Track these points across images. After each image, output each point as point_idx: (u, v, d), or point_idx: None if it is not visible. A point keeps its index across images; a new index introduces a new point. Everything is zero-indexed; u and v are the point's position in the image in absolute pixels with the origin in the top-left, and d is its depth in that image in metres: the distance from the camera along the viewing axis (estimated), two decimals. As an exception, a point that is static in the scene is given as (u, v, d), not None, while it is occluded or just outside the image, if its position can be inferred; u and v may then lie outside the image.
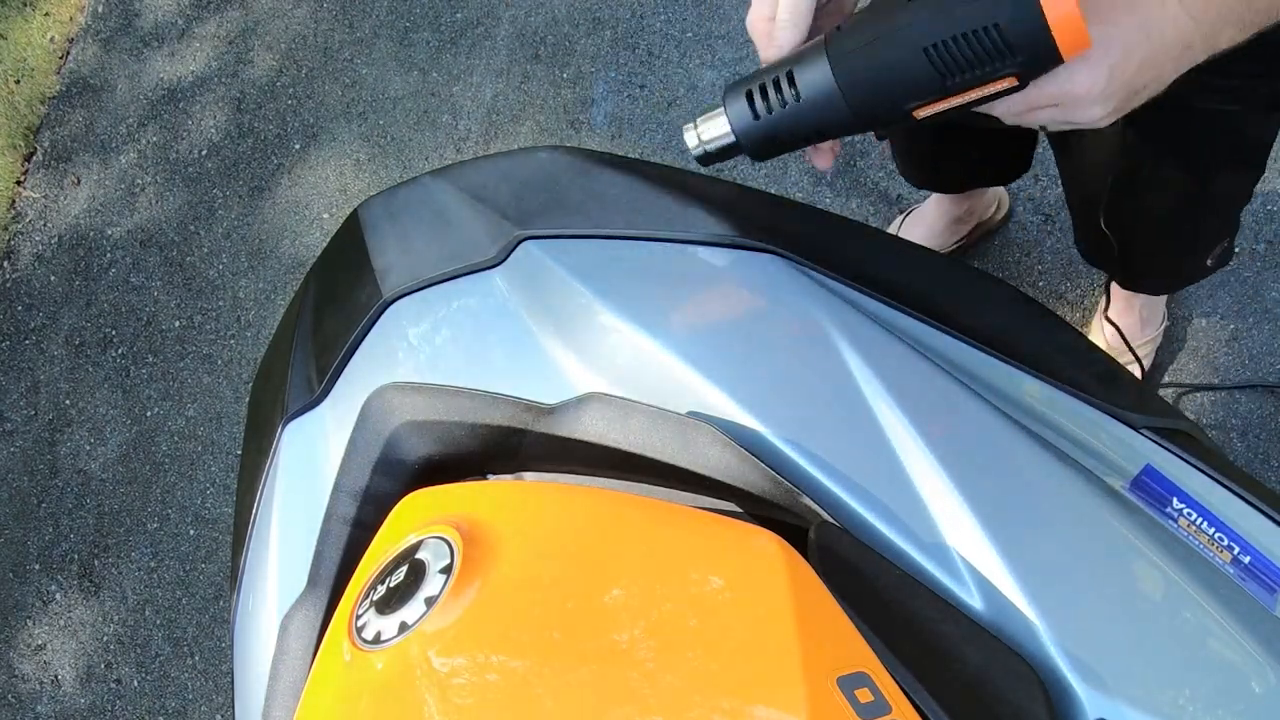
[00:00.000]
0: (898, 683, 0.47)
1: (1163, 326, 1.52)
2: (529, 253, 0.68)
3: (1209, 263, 1.16)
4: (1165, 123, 0.89)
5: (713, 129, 0.61)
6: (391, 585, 0.49)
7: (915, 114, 0.56)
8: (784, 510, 0.56)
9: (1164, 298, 1.51)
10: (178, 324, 2.09)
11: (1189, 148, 0.92)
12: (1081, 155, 1.02)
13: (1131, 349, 1.28)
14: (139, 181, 2.22)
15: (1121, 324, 1.44)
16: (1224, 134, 0.91)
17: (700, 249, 0.67)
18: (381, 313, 0.70)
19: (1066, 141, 1.02)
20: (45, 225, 2.27)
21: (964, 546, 0.52)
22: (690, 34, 1.92)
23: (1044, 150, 1.59)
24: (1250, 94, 0.86)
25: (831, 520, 0.54)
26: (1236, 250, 1.52)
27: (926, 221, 1.58)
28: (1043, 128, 0.59)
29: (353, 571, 0.57)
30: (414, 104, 2.06)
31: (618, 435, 0.59)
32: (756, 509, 0.58)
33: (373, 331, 0.70)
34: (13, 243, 2.29)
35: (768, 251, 0.66)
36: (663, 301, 0.65)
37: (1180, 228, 1.08)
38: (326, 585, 0.62)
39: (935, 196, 1.56)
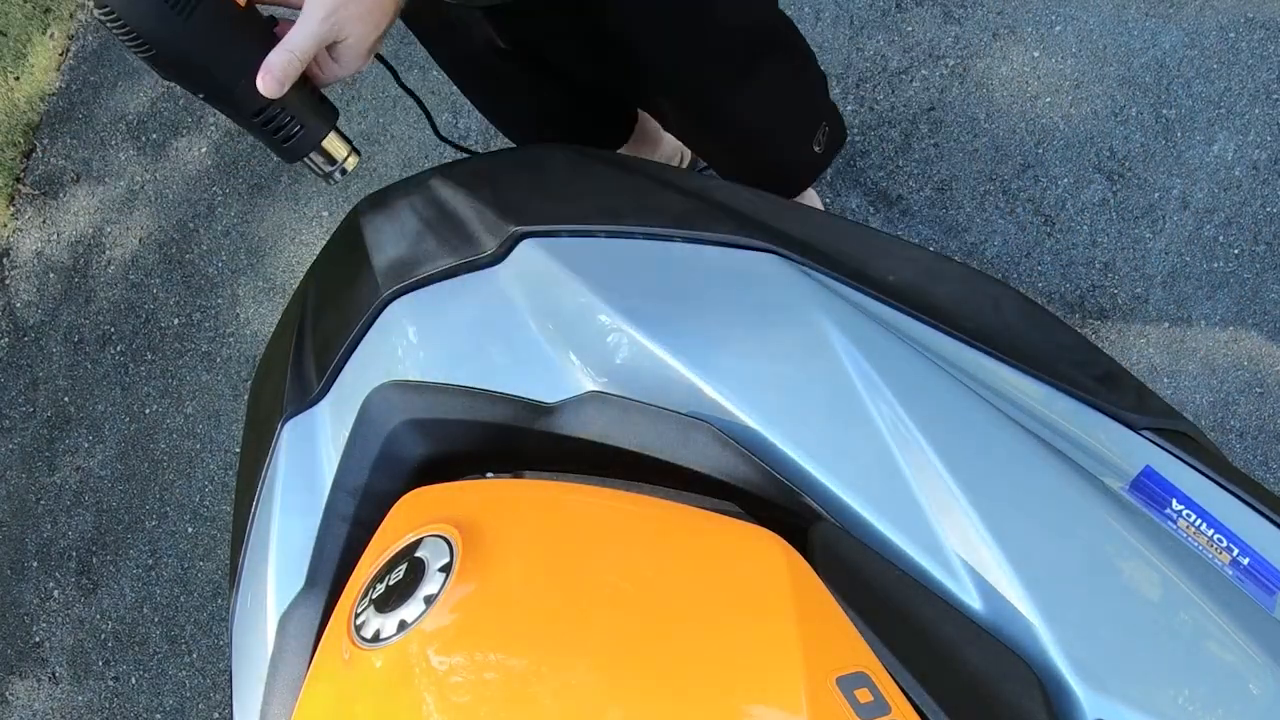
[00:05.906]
0: (897, 683, 0.47)
1: None
2: (528, 250, 0.68)
3: (817, 149, 1.10)
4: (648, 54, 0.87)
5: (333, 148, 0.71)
6: (391, 583, 0.49)
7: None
8: (784, 510, 0.56)
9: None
10: (176, 321, 2.09)
11: (691, 75, 0.89)
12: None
13: None
14: (138, 179, 2.22)
15: None
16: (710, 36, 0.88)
17: (700, 248, 0.67)
18: (381, 310, 0.70)
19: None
20: (44, 222, 2.27)
21: (964, 547, 0.52)
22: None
23: (1035, 145, 1.59)
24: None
25: (831, 520, 0.54)
26: (1236, 251, 1.52)
27: None
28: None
29: (352, 570, 0.57)
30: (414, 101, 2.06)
31: (618, 434, 0.59)
32: (756, 509, 0.58)
33: (372, 329, 0.70)
34: (12, 240, 2.29)
35: (768, 251, 0.66)
36: (663, 300, 0.65)
37: (756, 137, 1.04)
38: (325, 583, 0.62)
39: None
